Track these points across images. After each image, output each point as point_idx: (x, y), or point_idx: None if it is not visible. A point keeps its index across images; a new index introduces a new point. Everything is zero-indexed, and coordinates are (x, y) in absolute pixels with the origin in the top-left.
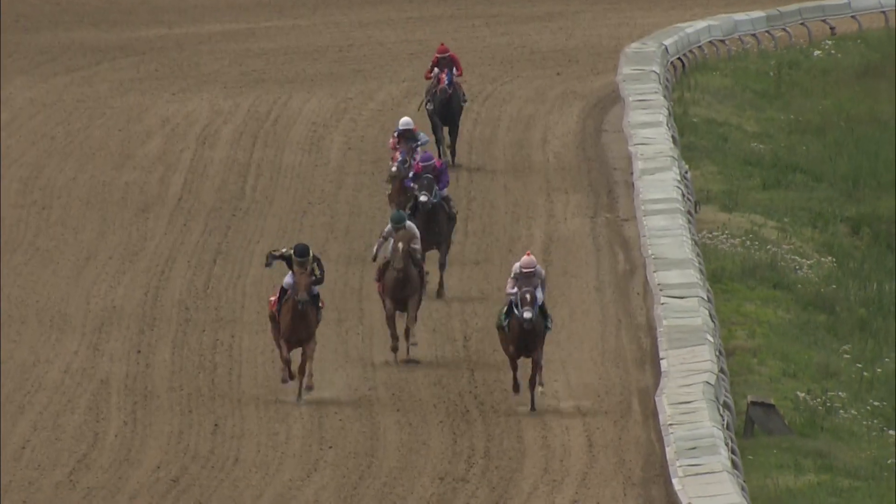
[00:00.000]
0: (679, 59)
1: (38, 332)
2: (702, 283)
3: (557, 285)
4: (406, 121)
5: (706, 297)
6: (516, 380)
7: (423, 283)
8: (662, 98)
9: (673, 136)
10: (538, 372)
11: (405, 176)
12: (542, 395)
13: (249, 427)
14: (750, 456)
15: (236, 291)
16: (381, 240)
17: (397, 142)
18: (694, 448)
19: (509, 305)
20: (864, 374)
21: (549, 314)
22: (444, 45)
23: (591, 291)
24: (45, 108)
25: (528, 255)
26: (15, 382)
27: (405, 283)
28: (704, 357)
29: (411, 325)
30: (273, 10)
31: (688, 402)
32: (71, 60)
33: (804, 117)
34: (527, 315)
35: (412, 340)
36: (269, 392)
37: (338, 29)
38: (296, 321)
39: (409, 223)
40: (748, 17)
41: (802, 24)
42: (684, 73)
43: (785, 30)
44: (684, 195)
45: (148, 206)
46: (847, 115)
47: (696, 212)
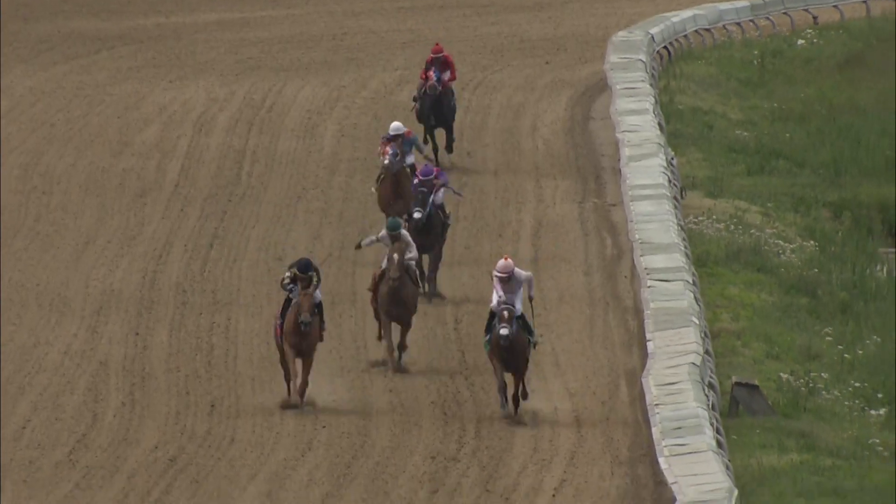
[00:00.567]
0: (665, 47)
1: (38, 315)
2: (687, 267)
3: (547, 269)
4: (396, 125)
5: (692, 281)
6: (503, 390)
7: (416, 297)
8: (649, 86)
9: (659, 124)
10: (522, 387)
11: (398, 169)
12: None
13: (245, 407)
14: (734, 436)
15: (232, 275)
16: (374, 238)
17: (387, 145)
18: (679, 428)
19: (489, 321)
20: (846, 355)
21: (533, 329)
22: (438, 44)
23: (580, 275)
24: (44, 95)
25: (506, 259)
26: (15, 364)
27: (400, 295)
28: (690, 339)
29: (404, 336)
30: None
31: (674, 383)
32: (70, 49)
33: (787, 105)
34: (503, 332)
35: (406, 354)
36: (265, 373)
37: (331, 18)
38: (297, 336)
39: (404, 232)
40: (733, 6)
41: (786, 13)
42: (670, 62)
43: (769, 19)
44: (670, 181)
45: (145, 191)
46: (829, 103)
47: (682, 197)
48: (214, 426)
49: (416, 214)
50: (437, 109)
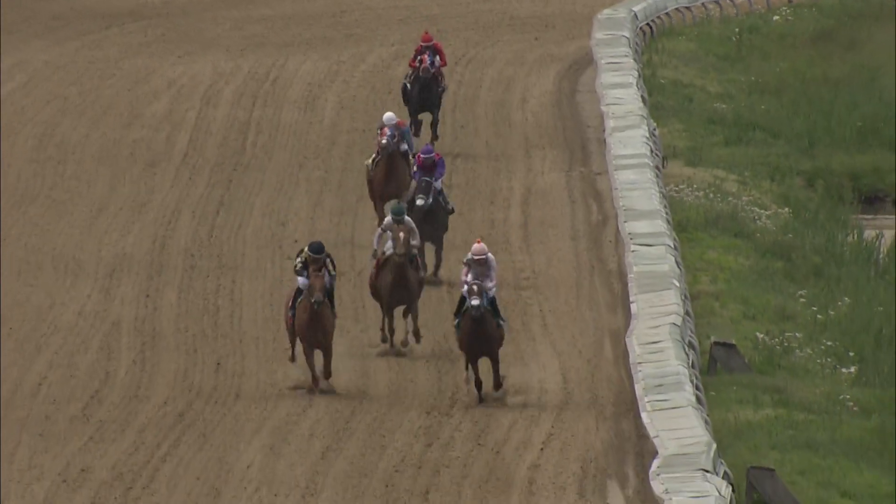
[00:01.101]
0: (648, 24)
1: (53, 278)
2: (669, 233)
3: (535, 234)
4: (389, 116)
5: (673, 246)
6: (476, 375)
7: (421, 284)
8: (632, 61)
9: (642, 97)
10: (496, 372)
11: (394, 150)
12: (503, 391)
13: (249, 365)
14: (713, 392)
15: (237, 240)
16: (380, 231)
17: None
18: (661, 385)
19: (459, 304)
20: (818, 316)
21: (501, 313)
22: (427, 33)
23: (567, 240)
24: (59, 70)
25: (479, 242)
26: (32, 324)
27: (403, 278)
28: (671, 301)
29: (415, 321)
30: None
31: (655, 343)
32: (83, 25)
33: (763, 79)
34: (474, 302)
35: (416, 337)
36: (268, 333)
37: None
38: (312, 321)
39: (407, 218)
40: None
41: None
42: (652, 38)
43: None
44: (652, 151)
45: (155, 161)
46: (803, 77)
47: (664, 166)
48: (220, 383)
49: (420, 201)
50: (426, 94)
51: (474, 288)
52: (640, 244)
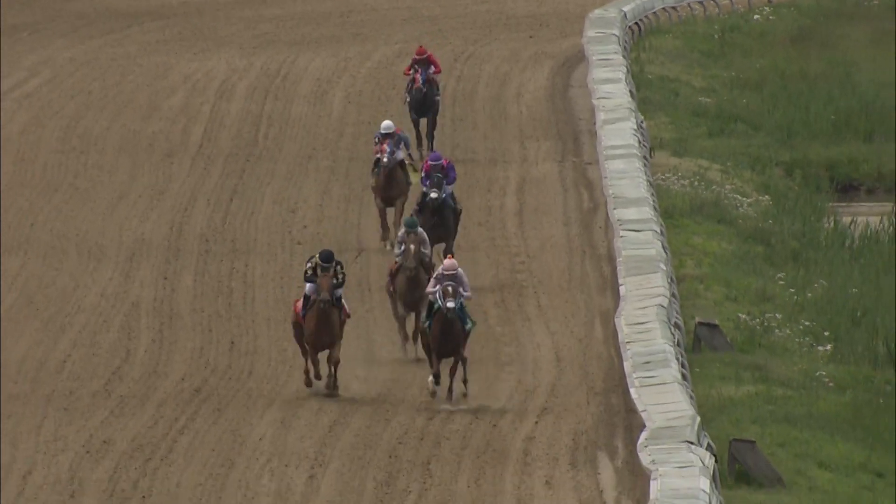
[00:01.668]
0: (636, 23)
1: (77, 262)
2: (655, 219)
3: (530, 221)
4: (387, 124)
5: (659, 231)
6: (437, 375)
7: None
8: (622, 58)
9: (631, 91)
10: (462, 369)
11: (394, 165)
12: (463, 397)
13: (261, 344)
14: (697, 369)
15: (250, 226)
16: (399, 243)
17: (380, 142)
18: (648, 362)
19: (430, 308)
20: (797, 298)
21: (469, 316)
22: (422, 47)
23: (560, 226)
24: (82, 66)
25: (450, 258)
26: (57, 305)
27: (416, 285)
28: (658, 283)
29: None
30: None
31: (643, 323)
32: (105, 24)
33: (744, 75)
34: (450, 304)
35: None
36: (279, 314)
37: None
38: (321, 324)
39: (420, 229)
40: None
41: None
42: (640, 36)
43: None
44: (640, 142)
45: (172, 152)
46: (781, 72)
47: (651, 157)
48: (234, 361)
49: (433, 194)
50: (422, 105)
51: (449, 289)
52: (628, 230)
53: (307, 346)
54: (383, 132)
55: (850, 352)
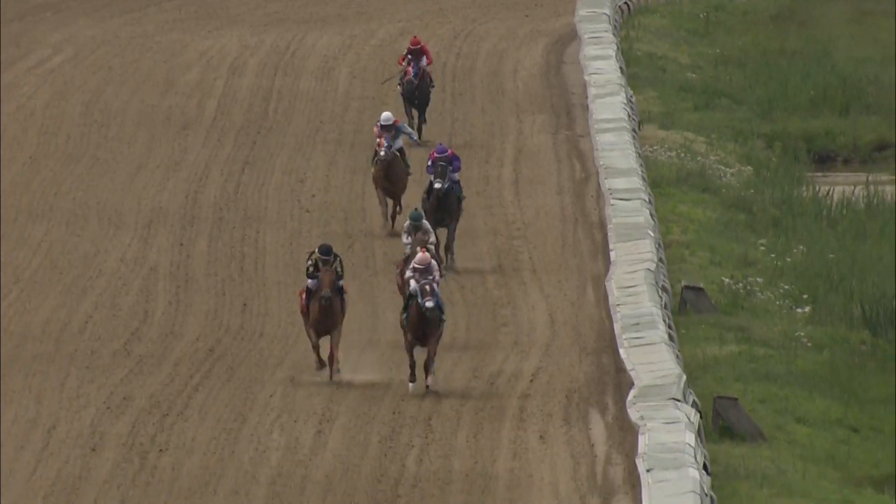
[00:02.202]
0: (626, 3)
1: (97, 229)
2: (644, 188)
3: (525, 190)
4: (387, 116)
5: (648, 200)
6: (413, 367)
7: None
8: (612, 35)
9: (620, 67)
10: (431, 359)
11: (392, 159)
12: (434, 383)
13: (272, 306)
14: (683, 330)
15: (261, 195)
16: (406, 234)
17: (380, 133)
18: (637, 324)
19: (408, 300)
20: (777, 262)
21: (443, 308)
22: (416, 37)
23: (553, 195)
24: (103, 44)
25: (423, 252)
26: (79, 270)
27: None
28: (646, 249)
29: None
30: None
31: (632, 286)
32: (125, 4)
33: (728, 52)
34: (428, 304)
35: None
36: (289, 278)
37: None
38: (323, 314)
39: (424, 222)
40: None
41: None
42: (630, 15)
43: None
44: (629, 116)
45: (188, 124)
46: (763, 50)
47: (640, 129)
48: (246, 322)
49: (437, 185)
50: (414, 96)
51: (427, 288)
52: (618, 198)
53: (310, 332)
54: (382, 124)
55: (828, 313)
